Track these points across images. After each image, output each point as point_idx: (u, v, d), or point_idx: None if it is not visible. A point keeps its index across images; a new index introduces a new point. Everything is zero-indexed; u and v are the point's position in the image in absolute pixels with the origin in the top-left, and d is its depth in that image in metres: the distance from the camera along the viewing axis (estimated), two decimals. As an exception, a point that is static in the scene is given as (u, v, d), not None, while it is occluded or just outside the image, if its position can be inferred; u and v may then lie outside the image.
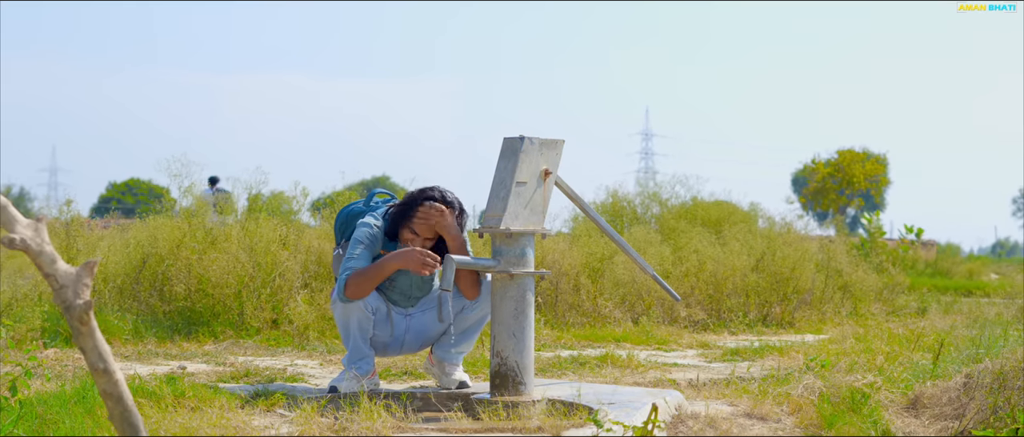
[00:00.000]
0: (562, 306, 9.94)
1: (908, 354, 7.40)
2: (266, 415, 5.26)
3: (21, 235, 2.92)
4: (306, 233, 10.20)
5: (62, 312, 2.89)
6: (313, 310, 8.79)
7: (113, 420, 2.96)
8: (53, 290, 2.92)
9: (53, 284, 2.92)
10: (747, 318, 10.47)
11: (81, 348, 2.91)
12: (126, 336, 8.28)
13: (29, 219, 2.99)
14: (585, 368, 7.24)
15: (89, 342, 2.91)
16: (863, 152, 50.64)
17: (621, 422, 4.46)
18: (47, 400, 4.83)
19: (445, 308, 5.56)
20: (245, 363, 7.20)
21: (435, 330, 6.10)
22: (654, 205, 14.72)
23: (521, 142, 5.52)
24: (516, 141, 5.54)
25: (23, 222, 2.95)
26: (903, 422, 5.46)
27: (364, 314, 5.85)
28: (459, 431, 4.94)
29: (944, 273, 19.95)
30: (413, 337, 6.11)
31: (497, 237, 5.54)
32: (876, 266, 13.00)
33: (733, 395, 5.88)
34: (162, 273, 9.25)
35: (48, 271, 2.91)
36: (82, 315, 2.90)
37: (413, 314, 6.09)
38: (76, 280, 2.91)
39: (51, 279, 2.92)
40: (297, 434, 4.69)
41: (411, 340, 6.12)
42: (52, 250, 2.91)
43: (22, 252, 2.92)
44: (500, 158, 5.61)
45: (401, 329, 6.05)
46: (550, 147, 5.65)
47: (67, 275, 2.92)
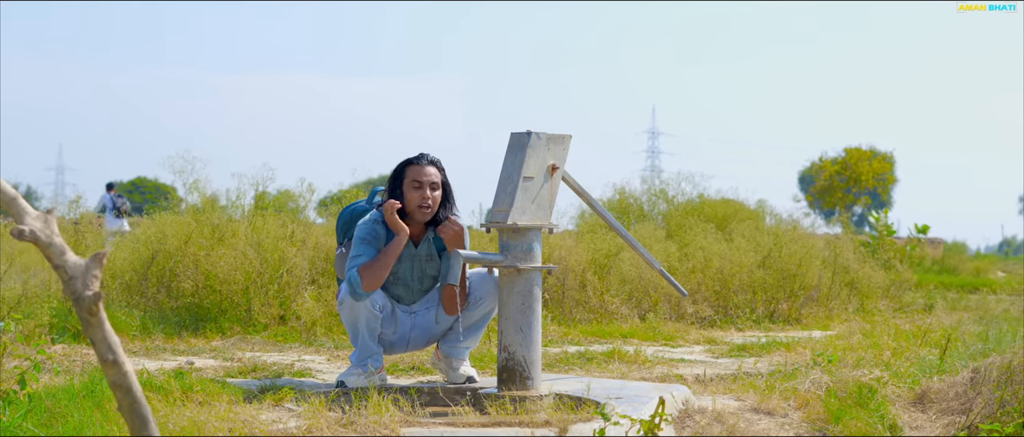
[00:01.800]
0: (569, 302, 9.95)
1: (915, 349, 7.40)
2: (274, 409, 5.27)
3: (31, 227, 2.93)
4: (313, 230, 10.22)
5: (72, 303, 2.90)
6: (320, 306, 8.80)
7: (123, 412, 2.97)
8: (63, 282, 2.93)
9: (63, 275, 2.93)
10: (754, 315, 10.47)
11: (91, 339, 2.92)
12: (134, 332, 8.30)
13: (38, 211, 3.00)
14: (592, 363, 7.25)
15: (98, 333, 2.92)
16: (870, 150, 50.63)
17: (628, 416, 4.46)
18: (56, 394, 4.85)
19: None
20: (252, 358, 7.21)
21: (440, 327, 6.12)
22: (661, 202, 14.73)
23: (528, 137, 5.52)
24: (523, 136, 5.55)
25: (33, 214, 2.96)
26: (910, 417, 5.46)
27: (371, 313, 5.87)
28: (467, 425, 4.95)
29: (951, 270, 19.92)
30: (418, 334, 6.12)
31: (504, 232, 5.55)
32: (883, 263, 12.99)
33: (740, 390, 5.89)
34: (170, 269, 9.26)
35: (58, 263, 2.92)
36: (91, 306, 2.91)
37: (417, 311, 6.11)
38: (85, 272, 2.93)
39: (61, 270, 2.93)
40: (305, 428, 4.70)
41: (416, 337, 6.14)
42: (61, 242, 2.92)
43: (32, 244, 2.93)
44: (507, 153, 5.61)
45: (406, 327, 6.07)
46: (557, 142, 5.66)
47: (76, 267, 2.93)
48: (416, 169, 5.95)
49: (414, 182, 5.93)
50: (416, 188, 5.93)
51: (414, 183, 5.93)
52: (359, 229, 5.96)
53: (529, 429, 4.75)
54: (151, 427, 2.95)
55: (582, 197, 6.06)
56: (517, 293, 5.54)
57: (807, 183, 56.70)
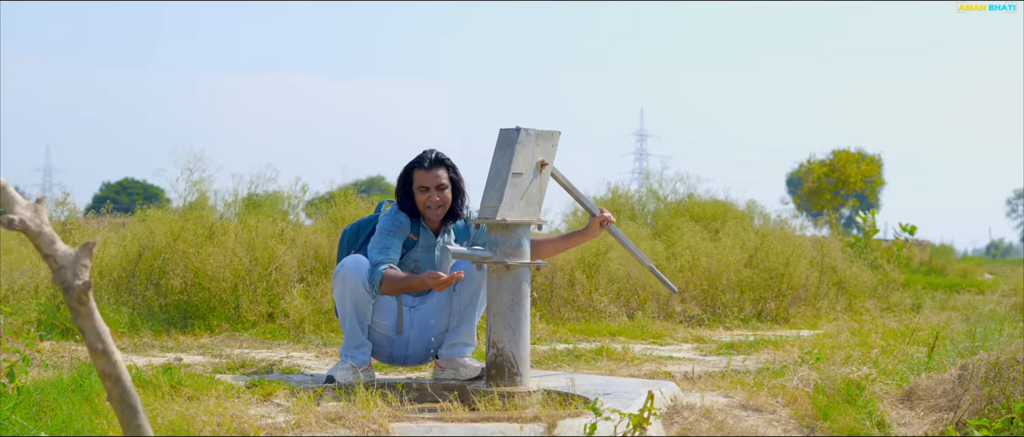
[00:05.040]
0: (557, 301, 9.95)
1: (903, 347, 7.42)
2: (263, 404, 5.26)
3: (21, 216, 2.93)
4: (303, 229, 10.22)
5: (61, 292, 2.90)
6: (309, 304, 8.80)
7: (112, 402, 2.96)
8: (52, 271, 2.93)
9: (52, 265, 2.93)
10: (742, 313, 10.48)
11: (80, 328, 2.92)
12: (122, 329, 8.28)
13: (28, 201, 3.00)
14: (580, 361, 7.25)
15: (88, 323, 2.92)
16: (858, 152, 50.67)
17: (618, 411, 4.47)
18: (44, 388, 4.84)
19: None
20: (241, 355, 7.21)
21: (437, 321, 6.09)
22: (651, 202, 14.75)
23: (517, 133, 5.53)
24: (512, 132, 5.55)
25: (22, 203, 2.96)
26: (898, 413, 5.47)
27: (362, 290, 5.88)
28: (455, 420, 4.95)
29: (939, 271, 19.94)
30: (417, 334, 6.09)
31: (493, 228, 5.55)
32: (871, 263, 13.01)
33: (728, 387, 5.90)
34: (158, 267, 9.25)
35: (47, 252, 2.92)
36: (81, 295, 2.91)
37: (417, 306, 6.10)
38: (75, 261, 2.92)
39: (50, 260, 2.92)
40: (294, 423, 4.69)
41: (415, 338, 6.10)
42: (51, 231, 2.92)
43: (19, 241, 2.91)
44: (496, 149, 5.62)
45: (407, 323, 6.06)
46: (546, 138, 5.66)
47: (66, 256, 2.93)
48: (421, 174, 5.99)
49: (421, 187, 5.99)
50: (424, 192, 5.99)
51: (421, 188, 5.99)
52: (383, 220, 6.03)
53: (518, 424, 4.75)
54: (140, 417, 2.95)
55: (571, 193, 6.07)
56: (506, 289, 5.54)
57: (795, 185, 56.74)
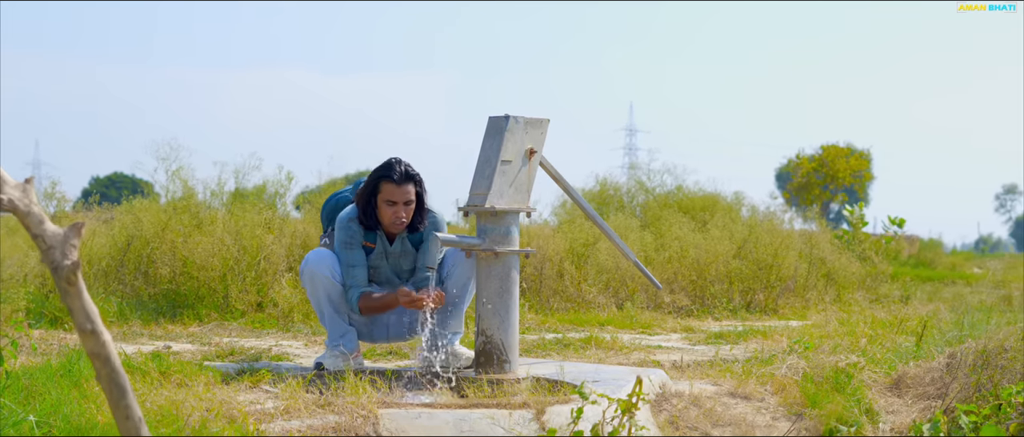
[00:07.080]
0: (546, 291, 9.96)
1: (891, 337, 7.43)
2: (252, 391, 5.26)
3: (9, 196, 2.92)
4: (290, 220, 10.21)
5: (50, 273, 2.89)
6: (298, 293, 8.80)
7: (101, 382, 2.96)
8: (41, 251, 2.92)
9: (41, 245, 2.92)
10: (731, 304, 10.49)
11: (69, 309, 2.92)
12: (111, 318, 8.27)
13: (17, 181, 3.00)
14: (569, 349, 7.26)
15: (77, 302, 2.92)
16: (847, 147, 50.71)
17: (606, 395, 4.47)
18: (33, 373, 4.83)
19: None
20: (230, 343, 7.21)
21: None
22: (640, 194, 14.76)
23: (506, 121, 5.53)
24: (501, 120, 5.55)
25: (11, 183, 2.95)
26: (886, 401, 5.49)
27: (330, 282, 5.88)
28: (444, 406, 4.95)
29: (927, 264, 19.98)
30: (396, 315, 6.10)
31: (482, 215, 5.55)
32: (859, 255, 13.04)
33: (717, 375, 5.90)
34: (147, 256, 9.24)
35: (36, 231, 2.92)
36: (70, 276, 2.90)
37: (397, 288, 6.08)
38: (64, 241, 2.92)
39: (39, 240, 2.92)
40: (283, 408, 4.69)
41: (395, 321, 6.11)
42: (40, 211, 2.91)
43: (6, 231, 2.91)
44: (485, 137, 5.62)
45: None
46: (535, 126, 5.66)
47: (55, 236, 2.93)
48: (391, 188, 5.89)
49: (388, 201, 5.90)
50: (390, 206, 5.90)
51: (388, 201, 5.91)
52: (339, 232, 5.95)
53: (506, 411, 4.76)
54: (129, 397, 2.95)
55: (559, 184, 6.07)
56: (495, 277, 5.54)
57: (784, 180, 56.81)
